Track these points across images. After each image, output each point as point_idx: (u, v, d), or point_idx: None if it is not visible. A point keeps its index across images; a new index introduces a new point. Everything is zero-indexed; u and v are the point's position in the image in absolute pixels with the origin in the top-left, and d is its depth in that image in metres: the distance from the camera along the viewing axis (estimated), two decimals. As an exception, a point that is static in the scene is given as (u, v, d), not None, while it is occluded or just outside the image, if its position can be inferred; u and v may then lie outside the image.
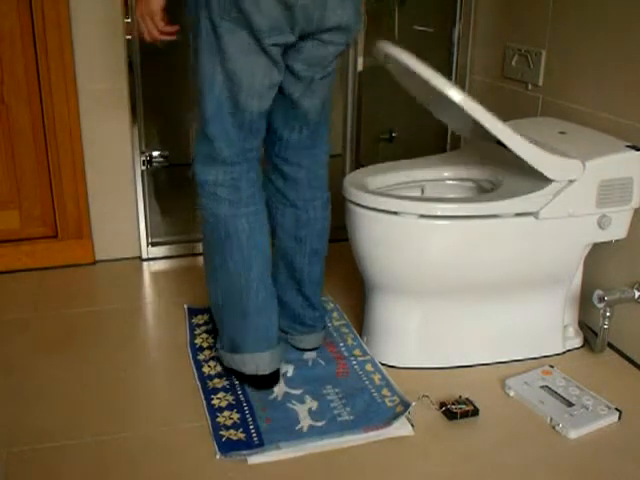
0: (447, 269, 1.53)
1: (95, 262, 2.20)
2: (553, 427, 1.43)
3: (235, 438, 1.37)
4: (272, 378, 1.52)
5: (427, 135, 2.57)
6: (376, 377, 1.58)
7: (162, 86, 2.31)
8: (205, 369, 1.61)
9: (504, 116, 1.52)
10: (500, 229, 1.52)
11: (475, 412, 1.46)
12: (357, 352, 1.67)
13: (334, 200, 1.60)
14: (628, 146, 1.57)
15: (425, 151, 1.88)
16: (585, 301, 1.73)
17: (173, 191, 2.50)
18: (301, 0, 1.26)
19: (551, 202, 1.51)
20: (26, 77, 2.00)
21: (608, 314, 1.61)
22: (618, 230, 1.60)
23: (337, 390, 1.52)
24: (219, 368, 1.61)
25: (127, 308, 1.92)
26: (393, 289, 1.59)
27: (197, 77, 1.36)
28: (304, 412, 1.45)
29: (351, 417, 1.43)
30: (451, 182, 1.73)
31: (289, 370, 1.59)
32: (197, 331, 1.78)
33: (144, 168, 2.17)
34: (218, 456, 1.32)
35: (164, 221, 2.39)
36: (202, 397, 1.50)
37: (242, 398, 1.49)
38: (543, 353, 1.68)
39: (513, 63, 2.03)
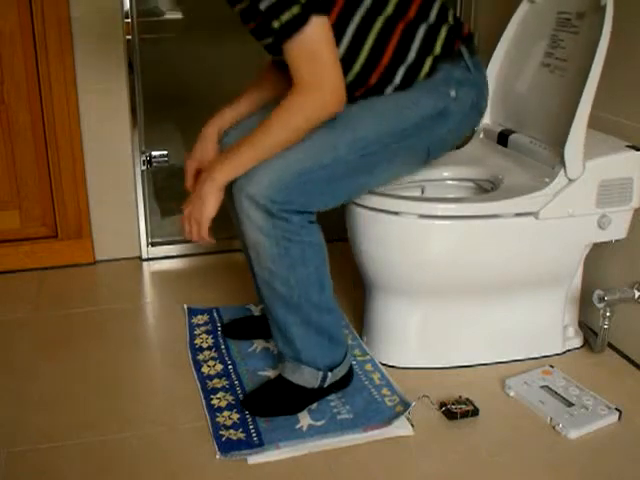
0: (447, 269, 1.53)
1: (95, 262, 2.20)
2: (553, 427, 1.43)
3: (235, 438, 1.37)
4: None
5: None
6: (375, 377, 1.58)
7: (162, 86, 2.31)
8: (204, 369, 1.61)
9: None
10: (500, 229, 1.52)
11: (475, 412, 1.46)
12: (356, 352, 1.67)
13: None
14: (628, 146, 1.57)
15: (425, 151, 1.87)
16: (585, 301, 1.73)
17: (173, 191, 2.50)
18: None
19: (551, 202, 1.51)
20: (26, 77, 2.00)
21: (608, 314, 1.61)
22: (618, 230, 1.60)
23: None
24: (218, 368, 1.61)
25: (127, 308, 1.92)
26: (393, 289, 1.59)
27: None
28: (304, 411, 1.45)
29: (350, 415, 1.43)
30: (451, 182, 1.73)
31: (289, 370, 1.59)
32: (197, 331, 1.78)
33: (144, 168, 2.17)
34: (218, 456, 1.32)
35: (164, 221, 2.39)
36: (202, 397, 1.50)
37: (242, 398, 1.49)
38: (543, 353, 1.68)
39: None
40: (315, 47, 1.23)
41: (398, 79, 1.37)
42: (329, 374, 1.45)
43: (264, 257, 1.32)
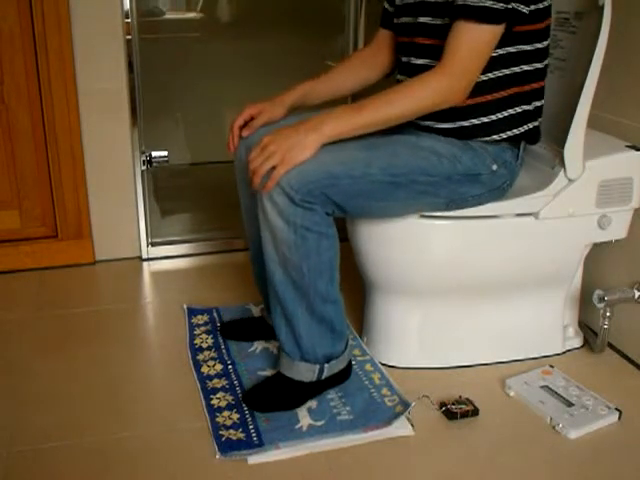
0: (447, 269, 1.53)
1: (95, 262, 2.20)
2: (553, 427, 1.43)
3: (235, 438, 1.37)
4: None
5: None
6: (375, 377, 1.58)
7: (162, 86, 2.31)
8: (204, 369, 1.61)
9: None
10: (500, 229, 1.52)
11: (475, 412, 1.46)
12: (356, 352, 1.67)
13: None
14: (628, 146, 1.57)
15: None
16: (585, 301, 1.73)
17: (173, 191, 2.50)
18: None
19: (551, 202, 1.51)
20: (26, 77, 2.00)
21: (608, 314, 1.61)
22: (618, 230, 1.60)
23: (336, 389, 1.52)
24: (218, 368, 1.61)
25: (127, 308, 1.92)
26: (393, 289, 1.59)
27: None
28: (303, 411, 1.45)
29: (351, 416, 1.43)
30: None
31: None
32: (197, 331, 1.78)
33: (144, 168, 2.17)
34: (218, 456, 1.32)
35: (164, 221, 2.39)
36: (201, 397, 1.50)
37: (241, 398, 1.49)
38: (543, 353, 1.68)
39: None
40: (482, 47, 1.30)
41: (479, 121, 1.40)
42: (326, 366, 1.45)
43: (280, 241, 1.33)
